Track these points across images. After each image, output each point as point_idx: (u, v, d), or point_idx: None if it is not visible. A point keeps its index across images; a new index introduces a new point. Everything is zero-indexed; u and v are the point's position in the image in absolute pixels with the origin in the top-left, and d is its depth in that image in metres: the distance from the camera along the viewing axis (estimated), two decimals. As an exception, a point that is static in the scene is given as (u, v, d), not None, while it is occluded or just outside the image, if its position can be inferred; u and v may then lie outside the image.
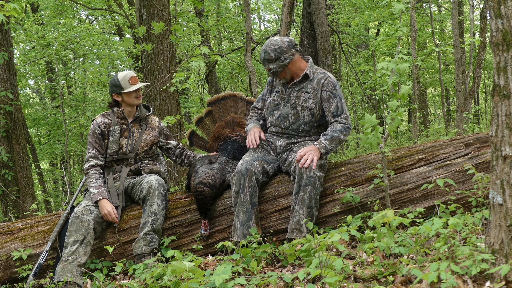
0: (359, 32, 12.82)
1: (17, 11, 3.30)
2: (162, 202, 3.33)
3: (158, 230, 3.26)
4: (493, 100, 1.97)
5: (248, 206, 3.17)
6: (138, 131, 3.58)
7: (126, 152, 3.54)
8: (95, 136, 3.51)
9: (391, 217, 2.33)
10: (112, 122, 3.54)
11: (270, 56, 3.23)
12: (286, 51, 3.23)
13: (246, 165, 3.22)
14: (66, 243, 3.17)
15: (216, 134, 3.86)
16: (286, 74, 3.30)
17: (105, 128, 3.52)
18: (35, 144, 11.93)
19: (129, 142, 3.54)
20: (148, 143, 3.59)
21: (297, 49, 3.29)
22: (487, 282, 1.98)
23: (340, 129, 3.23)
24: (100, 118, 3.56)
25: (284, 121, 3.37)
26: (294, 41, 3.31)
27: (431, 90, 19.17)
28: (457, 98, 7.91)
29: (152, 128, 3.64)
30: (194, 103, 11.31)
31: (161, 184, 3.37)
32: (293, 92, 3.34)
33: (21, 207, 6.87)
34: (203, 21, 10.12)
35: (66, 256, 3.12)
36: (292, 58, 3.26)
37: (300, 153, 3.16)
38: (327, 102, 3.29)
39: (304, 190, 3.09)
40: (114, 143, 3.52)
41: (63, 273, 3.04)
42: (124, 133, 3.55)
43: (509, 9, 1.87)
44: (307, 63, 3.36)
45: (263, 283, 2.36)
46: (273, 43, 3.25)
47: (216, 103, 3.94)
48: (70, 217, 3.28)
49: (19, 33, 10.64)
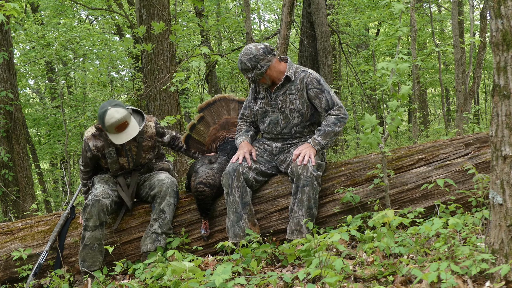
0: (359, 32, 12.82)
1: (17, 11, 3.30)
2: (174, 200, 3.33)
3: (165, 228, 3.27)
4: (493, 100, 1.97)
5: (238, 206, 3.17)
6: (135, 146, 3.41)
7: (129, 168, 3.46)
8: (85, 156, 3.40)
9: (391, 217, 2.33)
10: (104, 144, 3.35)
11: (246, 66, 3.19)
12: (262, 58, 3.18)
13: (234, 166, 3.22)
14: (86, 225, 3.21)
15: (212, 138, 3.84)
16: (266, 80, 3.27)
17: (98, 152, 3.35)
18: (35, 144, 11.93)
19: (129, 160, 3.42)
20: (148, 151, 3.48)
21: (273, 54, 3.24)
22: (487, 282, 1.98)
23: (333, 121, 3.21)
24: (92, 141, 3.34)
25: (275, 127, 3.36)
26: (270, 47, 3.26)
27: (431, 90, 19.17)
28: (457, 98, 7.91)
29: (150, 137, 3.45)
30: (194, 103, 11.31)
31: (173, 182, 3.36)
32: (278, 96, 3.31)
33: (21, 207, 6.88)
34: (203, 21, 10.12)
35: (88, 240, 3.20)
36: (270, 64, 3.21)
37: (295, 152, 3.16)
38: (317, 99, 3.26)
39: (302, 191, 3.09)
40: (114, 164, 3.40)
41: (88, 259, 3.20)
42: (120, 152, 3.40)
43: (509, 9, 1.87)
44: (286, 64, 3.32)
45: (263, 283, 2.36)
46: (248, 52, 3.20)
47: (207, 108, 3.90)
48: (88, 201, 3.24)
49: (19, 33, 10.65)
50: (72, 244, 3.41)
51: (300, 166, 3.09)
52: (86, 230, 3.21)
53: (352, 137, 11.80)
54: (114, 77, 14.77)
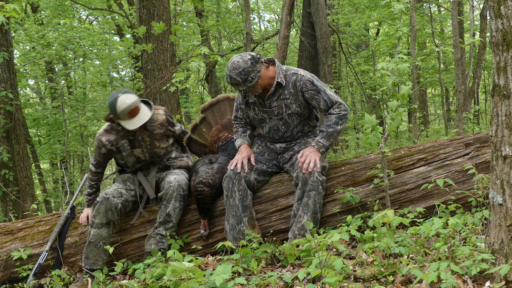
0: (359, 32, 12.82)
1: (17, 12, 3.30)
2: (180, 203, 3.30)
3: (169, 231, 3.27)
4: (493, 100, 1.97)
5: (238, 210, 3.17)
6: (147, 135, 3.45)
7: (145, 159, 3.48)
8: (99, 154, 3.44)
9: (391, 217, 2.33)
10: (117, 137, 3.40)
11: (236, 80, 3.11)
12: (251, 70, 3.09)
13: (235, 169, 3.21)
14: (93, 222, 3.22)
15: (214, 138, 3.83)
16: (257, 89, 3.19)
17: (112, 146, 3.41)
18: (35, 144, 11.93)
19: (144, 150, 3.45)
20: (162, 139, 3.51)
21: (261, 62, 3.16)
22: (487, 282, 1.99)
23: (335, 121, 3.20)
24: (104, 136, 3.41)
25: (276, 133, 3.34)
26: (257, 55, 3.16)
27: (431, 90, 19.17)
28: (457, 98, 7.91)
29: (161, 124, 3.50)
30: (194, 103, 11.31)
31: (181, 185, 3.31)
32: (272, 102, 3.26)
33: (21, 207, 6.88)
34: (203, 21, 10.12)
35: (93, 237, 3.21)
36: (259, 74, 3.13)
37: (301, 158, 3.14)
38: (314, 101, 3.22)
39: (309, 196, 3.08)
40: (129, 156, 3.44)
41: (91, 256, 3.20)
42: (134, 144, 3.44)
43: (509, 9, 1.88)
44: (274, 67, 3.23)
45: (263, 283, 2.36)
46: (235, 66, 3.09)
47: (210, 108, 3.87)
48: (99, 198, 3.28)
49: (19, 33, 10.65)
50: (72, 244, 3.41)
51: (306, 171, 3.09)
52: (92, 227, 3.23)
53: (352, 137, 11.79)
54: (114, 77, 14.78)
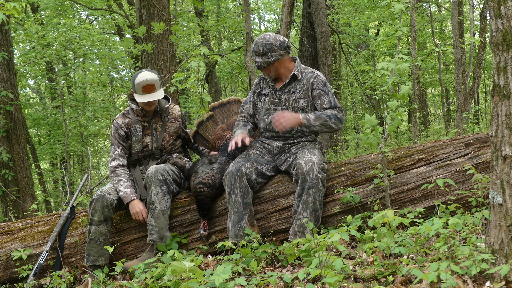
0: (359, 32, 12.82)
1: (17, 10, 3.29)
2: (161, 188, 3.26)
3: (157, 218, 3.23)
4: (493, 100, 1.97)
5: (239, 206, 3.17)
6: (160, 125, 3.53)
7: (151, 149, 3.52)
8: (119, 137, 3.47)
9: (391, 217, 2.33)
10: (132, 121, 3.48)
11: (258, 49, 3.21)
12: (275, 49, 3.21)
13: (237, 166, 3.22)
14: (91, 220, 3.24)
15: (217, 136, 3.86)
16: (270, 71, 3.28)
17: (127, 129, 3.48)
18: (35, 144, 11.93)
19: (153, 139, 3.51)
20: (173, 135, 3.56)
21: (288, 51, 3.28)
22: (487, 282, 1.99)
23: (329, 114, 3.24)
24: (121, 118, 3.49)
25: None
26: (288, 43, 3.28)
27: (431, 90, 19.17)
28: (457, 98, 7.92)
29: (175, 119, 3.59)
30: (194, 103, 11.32)
31: (158, 171, 3.29)
32: (283, 94, 3.34)
33: (21, 207, 6.88)
34: (203, 21, 10.12)
35: (93, 234, 3.22)
36: (280, 58, 3.23)
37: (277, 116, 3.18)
38: (319, 99, 3.29)
39: (308, 193, 3.08)
40: (137, 143, 3.49)
41: (93, 253, 3.22)
42: (146, 130, 3.51)
43: (509, 9, 1.88)
44: (295, 64, 3.36)
45: (263, 283, 2.36)
46: (266, 37, 3.23)
47: (220, 107, 3.96)
48: (95, 195, 3.29)
49: (19, 33, 10.64)
50: (72, 244, 3.41)
51: (305, 169, 3.08)
52: (91, 224, 3.25)
53: (352, 137, 11.80)
54: (114, 77, 14.78)
